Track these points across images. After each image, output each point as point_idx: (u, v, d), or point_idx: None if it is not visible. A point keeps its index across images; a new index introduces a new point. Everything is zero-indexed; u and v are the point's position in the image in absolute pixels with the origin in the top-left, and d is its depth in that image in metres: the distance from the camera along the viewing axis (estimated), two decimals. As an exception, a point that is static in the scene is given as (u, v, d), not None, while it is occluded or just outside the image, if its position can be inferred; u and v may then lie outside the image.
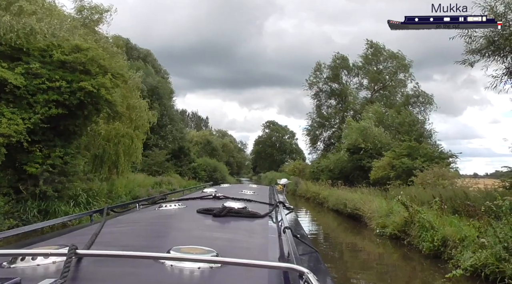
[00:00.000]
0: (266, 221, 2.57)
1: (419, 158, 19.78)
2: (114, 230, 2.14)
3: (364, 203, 13.64)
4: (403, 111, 27.94)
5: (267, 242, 1.95)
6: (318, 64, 40.00)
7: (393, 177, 19.86)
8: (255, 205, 3.26)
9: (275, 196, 4.50)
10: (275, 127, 79.91)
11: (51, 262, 1.27)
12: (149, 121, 24.55)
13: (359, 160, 25.32)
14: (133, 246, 1.69)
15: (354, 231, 13.83)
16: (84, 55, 11.73)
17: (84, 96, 11.57)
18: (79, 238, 1.80)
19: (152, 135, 35.86)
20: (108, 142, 19.80)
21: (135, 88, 23.14)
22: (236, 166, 78.68)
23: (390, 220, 10.82)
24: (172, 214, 2.79)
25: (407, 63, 34.57)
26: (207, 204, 3.08)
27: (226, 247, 1.67)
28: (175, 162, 37.12)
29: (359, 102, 36.99)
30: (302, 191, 29.34)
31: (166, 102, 38.33)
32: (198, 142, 58.54)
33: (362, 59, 37.30)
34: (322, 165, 31.49)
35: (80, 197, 14.12)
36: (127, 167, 22.88)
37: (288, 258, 1.53)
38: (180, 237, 1.97)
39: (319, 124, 40.69)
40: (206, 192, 4.19)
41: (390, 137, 26.21)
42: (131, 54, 43.09)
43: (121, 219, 2.73)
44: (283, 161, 66.00)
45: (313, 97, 41.25)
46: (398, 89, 35.22)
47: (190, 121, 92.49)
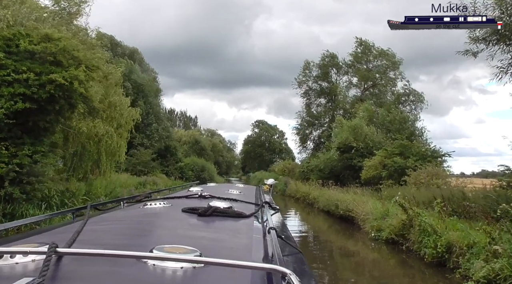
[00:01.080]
0: (252, 221, 2.54)
1: (412, 157, 19.19)
2: (97, 228, 2.09)
3: (358, 204, 12.87)
4: (394, 109, 27.41)
5: (252, 242, 1.93)
6: (307, 62, 39.30)
7: (385, 176, 19.23)
8: (241, 205, 3.22)
9: (261, 196, 4.40)
10: (265, 126, 79.29)
11: (30, 260, 1.24)
12: (133, 118, 23.61)
13: (349, 159, 24.68)
14: (116, 245, 1.66)
15: (346, 234, 13.07)
16: (55, 45, 10.75)
17: (54, 90, 10.58)
18: (61, 236, 1.76)
19: (137, 134, 34.83)
20: (88, 140, 18.80)
21: (116, 84, 22.18)
22: (225, 166, 78.02)
23: (386, 223, 10.09)
24: (156, 213, 2.72)
25: (397, 61, 34.06)
26: (193, 203, 3.02)
27: (210, 247, 1.65)
28: (161, 162, 36.13)
29: (349, 101, 36.35)
30: (291, 191, 28.62)
31: (152, 100, 37.25)
32: (186, 142, 57.51)
33: (352, 57, 36.65)
34: (312, 165, 30.82)
35: (54, 198, 13.16)
36: (109, 167, 21.88)
37: (272, 259, 1.53)
38: (164, 236, 1.94)
39: (308, 123, 39.96)
40: (192, 191, 4.12)
41: (381, 136, 25.65)
42: (116, 51, 41.96)
43: (105, 217, 2.67)
44: (273, 161, 65.46)
45: (303, 95, 40.60)
46: (389, 87, 34.73)
47: (179, 121, 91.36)
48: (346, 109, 35.33)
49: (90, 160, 19.61)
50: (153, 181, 27.28)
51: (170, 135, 39.26)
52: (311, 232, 14.59)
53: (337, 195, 16.49)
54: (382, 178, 19.50)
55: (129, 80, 35.20)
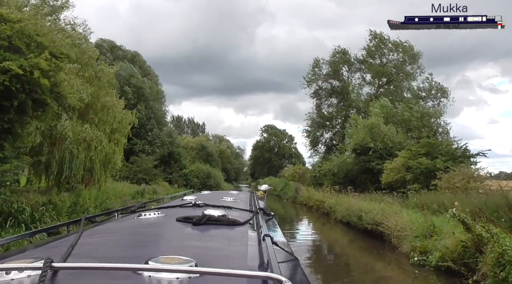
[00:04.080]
0: (246, 228, 2.51)
1: (440, 157, 16.87)
2: (92, 241, 2.08)
3: (388, 215, 10.48)
4: (415, 106, 25.02)
5: (247, 250, 1.92)
6: (316, 60, 36.87)
7: (409, 180, 16.94)
8: (236, 212, 3.19)
9: (255, 203, 4.30)
10: (273, 131, 77.54)
11: (26, 276, 1.24)
12: (129, 122, 21.72)
13: (367, 161, 22.37)
14: (111, 257, 1.66)
15: (376, 255, 10.53)
16: (10, 27, 8.80)
17: (10, 81, 8.64)
18: (55, 250, 1.77)
19: (138, 140, 33.14)
20: (77, 146, 16.88)
21: (109, 84, 20.36)
22: (234, 173, 76.35)
23: (435, 243, 7.74)
24: (151, 223, 2.73)
25: (416, 54, 31.44)
26: (187, 212, 2.97)
27: (205, 256, 1.65)
28: (164, 169, 34.25)
29: (362, 99, 33.85)
30: (303, 199, 26.30)
31: (154, 104, 35.44)
32: (193, 148, 55.84)
33: (365, 52, 34.14)
34: (325, 169, 28.55)
35: (25, 213, 11.19)
36: (104, 175, 19.94)
37: (267, 266, 1.52)
38: (159, 247, 1.93)
39: (319, 124, 37.60)
40: (186, 199, 4.11)
41: (401, 135, 23.32)
42: (117, 54, 40.52)
43: (99, 229, 2.63)
44: (282, 166, 63.33)
45: (312, 96, 38.29)
46: (406, 83, 32.19)
47: (187, 127, 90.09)
48: (359, 108, 32.86)
49: (80, 168, 17.63)
50: (153, 189, 25.22)
51: (174, 140, 37.33)
52: (329, 250, 12.30)
53: (359, 204, 14.11)
54: (406, 182, 17.20)
55: (129, 85, 33.59)
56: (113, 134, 20.34)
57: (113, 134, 20.34)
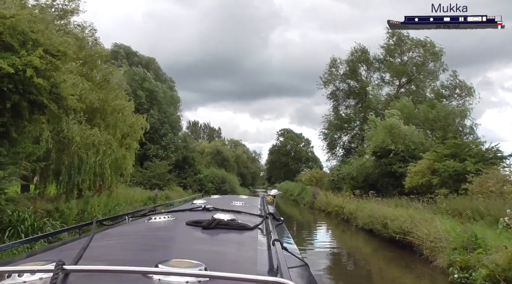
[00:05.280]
0: (256, 233, 2.50)
1: (469, 159, 15.62)
2: (103, 244, 2.10)
3: (419, 224, 9.34)
4: (438, 105, 23.67)
5: (256, 254, 1.92)
6: (333, 59, 35.70)
7: (436, 184, 15.74)
8: (245, 217, 3.13)
9: (265, 208, 4.19)
10: (290, 135, 76.54)
11: (38, 278, 1.24)
12: (141, 127, 21.15)
13: (388, 165, 21.17)
14: (122, 260, 1.67)
15: (404, 266, 9.40)
16: (1, 23, 8.21)
17: (1, 81, 8.04)
18: (67, 253, 1.78)
19: (152, 145, 32.72)
20: (86, 151, 16.34)
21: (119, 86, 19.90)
22: (250, 177, 75.67)
23: (478, 256, 6.67)
24: (161, 227, 2.72)
25: (438, 51, 29.90)
26: (197, 216, 2.93)
27: (215, 260, 1.65)
28: (178, 174, 33.71)
29: (382, 100, 32.45)
30: (321, 204, 25.18)
31: (167, 108, 34.98)
32: (209, 153, 55.45)
33: (384, 50, 32.74)
34: (343, 173, 27.40)
35: (26, 222, 10.57)
36: (115, 181, 19.40)
37: (277, 271, 1.52)
38: (169, 250, 1.94)
39: (337, 127, 36.38)
40: (196, 203, 4.05)
41: (423, 135, 22.04)
42: (132, 60, 40.41)
43: (110, 233, 2.67)
44: (299, 170, 62.14)
45: (329, 96, 37.04)
46: (427, 82, 30.71)
47: (203, 132, 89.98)
48: (378, 110, 31.51)
49: (90, 174, 17.08)
50: (166, 195, 24.58)
51: (188, 145, 36.78)
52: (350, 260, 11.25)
53: (383, 210, 12.98)
54: (432, 186, 16.01)
55: (142, 89, 33.29)
56: (124, 139, 19.81)
57: (124, 138, 19.82)
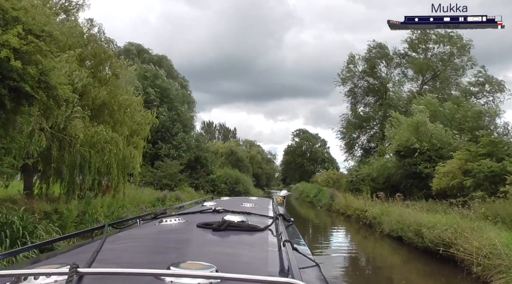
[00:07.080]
0: (266, 234, 2.48)
1: (507, 158, 14.02)
2: (115, 247, 2.12)
3: (464, 232, 7.81)
4: (465, 103, 21.95)
5: (267, 256, 1.91)
6: (351, 55, 34.13)
7: (470, 186, 14.17)
8: (255, 218, 3.13)
9: (275, 209, 4.18)
10: (305, 135, 75.02)
11: (53, 281, 1.27)
12: (148, 122, 20.12)
13: (413, 165, 19.62)
14: (134, 263, 1.71)
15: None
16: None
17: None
18: (80, 256, 1.81)
19: (163, 144, 31.84)
20: (90, 149, 15.33)
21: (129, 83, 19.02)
22: (265, 178, 74.43)
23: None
24: (172, 229, 2.76)
25: (465, 44, 28.00)
26: (207, 218, 2.97)
27: (226, 262, 1.67)
28: (190, 174, 32.70)
29: (404, 96, 30.67)
30: (340, 207, 23.71)
31: (179, 106, 34.04)
32: (223, 153, 54.56)
33: (406, 45, 30.92)
34: (363, 173, 25.89)
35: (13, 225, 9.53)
36: (122, 181, 18.39)
37: (288, 272, 1.51)
38: (180, 253, 1.94)
39: (355, 125, 34.79)
40: (206, 205, 4.08)
41: (451, 134, 20.40)
42: (144, 58, 39.79)
43: (122, 236, 2.66)
44: (315, 171, 60.60)
45: (347, 94, 35.51)
46: (453, 79, 28.81)
47: (218, 133, 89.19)
48: (399, 107, 29.75)
49: (93, 173, 16.08)
50: (176, 196, 23.50)
51: (200, 144, 35.76)
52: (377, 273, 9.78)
53: (416, 216, 11.42)
54: (464, 188, 14.45)
55: (153, 86, 32.49)
56: (132, 137, 18.85)
57: (132, 136, 18.87)
